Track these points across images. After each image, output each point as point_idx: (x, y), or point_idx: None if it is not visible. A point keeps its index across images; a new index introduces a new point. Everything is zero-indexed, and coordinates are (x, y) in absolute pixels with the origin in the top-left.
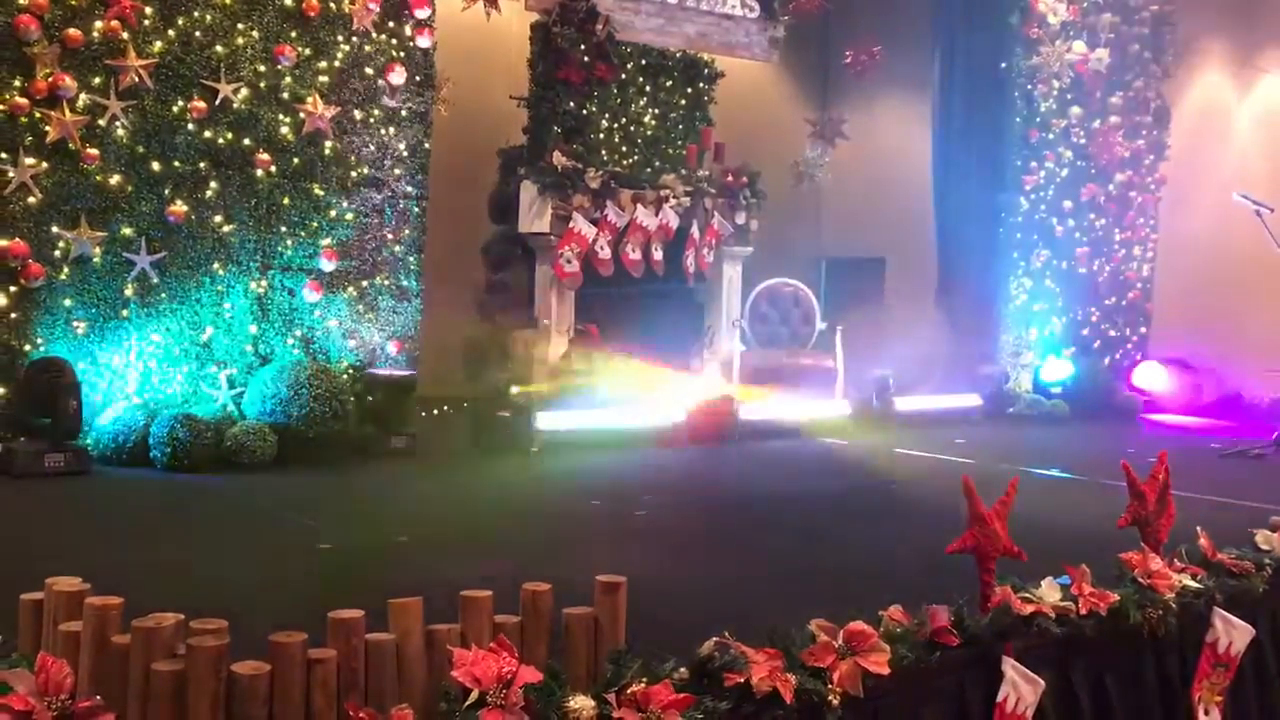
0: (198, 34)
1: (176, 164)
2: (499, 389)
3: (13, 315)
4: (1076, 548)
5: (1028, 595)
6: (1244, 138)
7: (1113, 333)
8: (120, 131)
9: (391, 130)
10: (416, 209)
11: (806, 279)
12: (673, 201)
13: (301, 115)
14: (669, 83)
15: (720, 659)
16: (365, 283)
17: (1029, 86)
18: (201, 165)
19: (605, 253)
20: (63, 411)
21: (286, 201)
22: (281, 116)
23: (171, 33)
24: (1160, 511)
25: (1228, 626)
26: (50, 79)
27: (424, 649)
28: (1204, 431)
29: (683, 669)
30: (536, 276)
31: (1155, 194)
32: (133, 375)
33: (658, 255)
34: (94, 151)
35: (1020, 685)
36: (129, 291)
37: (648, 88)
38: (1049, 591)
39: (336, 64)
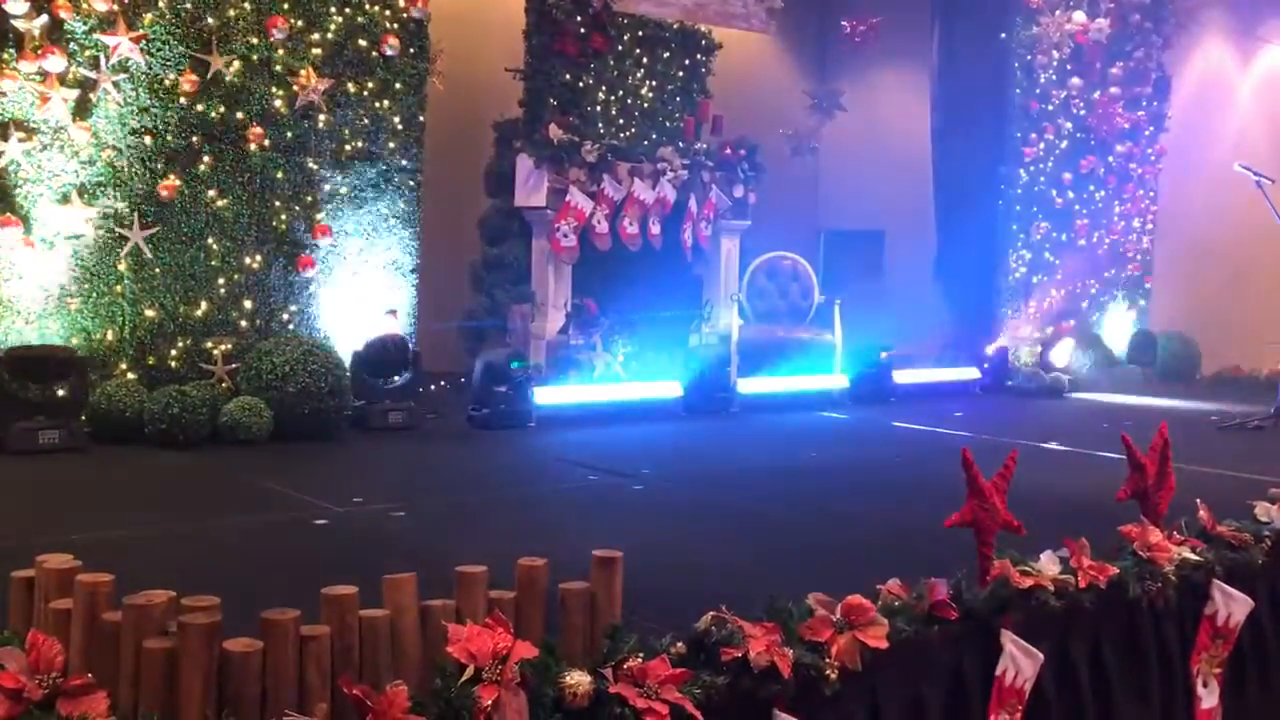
0: (188, 6)
1: (169, 138)
2: (495, 363)
3: (5, 291)
4: (1076, 521)
5: (1027, 568)
6: (1245, 108)
7: (1112, 305)
8: (111, 105)
9: (386, 103)
10: (411, 183)
11: (805, 252)
12: (670, 175)
13: (295, 88)
14: (666, 54)
15: (717, 633)
16: (361, 257)
17: (1028, 57)
18: (194, 139)
19: (602, 226)
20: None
21: (280, 175)
22: (274, 89)
23: (162, 4)
24: (1160, 484)
25: (1227, 599)
26: (40, 52)
27: (419, 625)
28: None
29: (679, 643)
30: (533, 250)
31: (1155, 165)
32: (127, 350)
33: (655, 229)
34: (85, 125)
35: (1019, 658)
36: (122, 267)
37: (644, 60)
38: (1048, 565)
39: (330, 36)
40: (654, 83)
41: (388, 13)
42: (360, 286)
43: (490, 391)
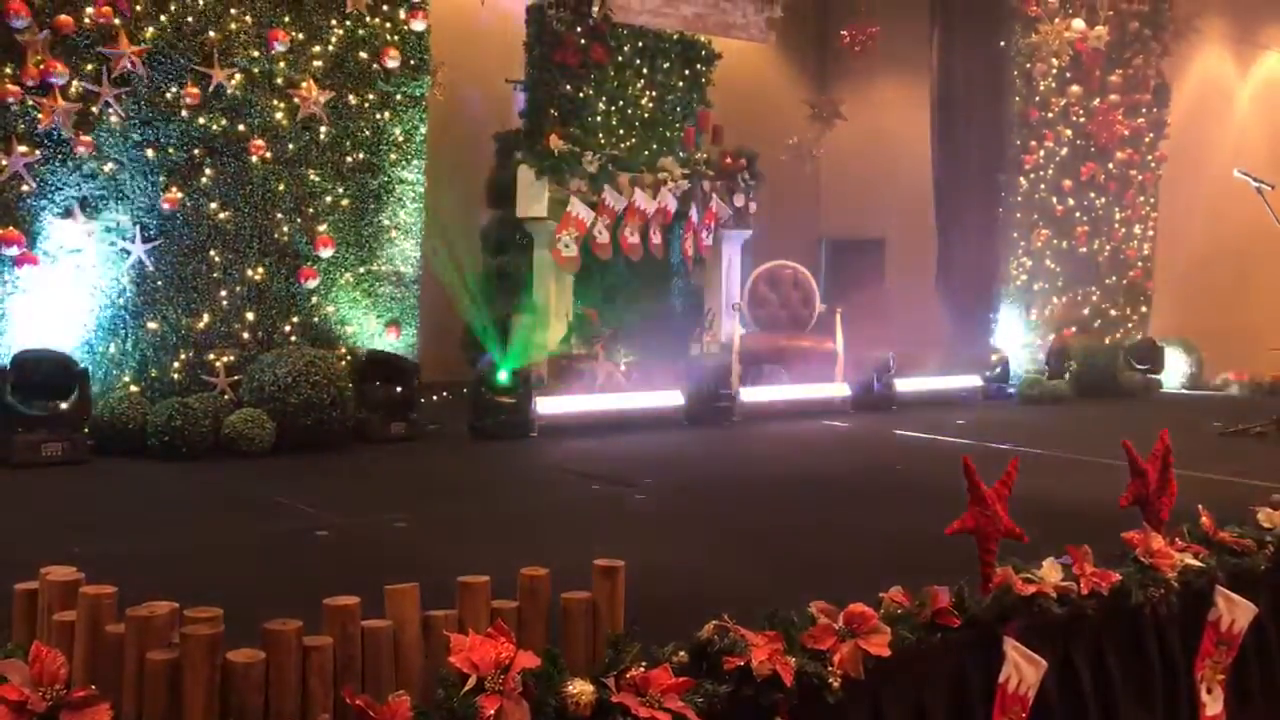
0: (190, 19)
1: (171, 151)
2: (484, 374)
3: (8, 305)
4: (1078, 527)
5: (1029, 576)
6: (1244, 115)
7: (1113, 312)
8: (114, 119)
9: (387, 115)
10: (413, 194)
11: (806, 261)
12: (670, 184)
13: (296, 101)
14: (666, 65)
15: (720, 642)
16: (362, 269)
17: (1027, 65)
18: (196, 152)
19: (604, 236)
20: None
21: (282, 188)
22: (276, 102)
23: (164, 18)
24: (1162, 490)
25: (1230, 605)
26: (42, 66)
27: (421, 635)
28: None
29: (682, 653)
30: (535, 261)
31: (1155, 172)
32: (129, 363)
33: (656, 239)
34: (87, 139)
35: (1022, 666)
36: (124, 280)
37: (645, 70)
38: (1050, 572)
39: (330, 48)
40: (654, 93)
41: (388, 25)
42: (362, 298)
43: (490, 402)
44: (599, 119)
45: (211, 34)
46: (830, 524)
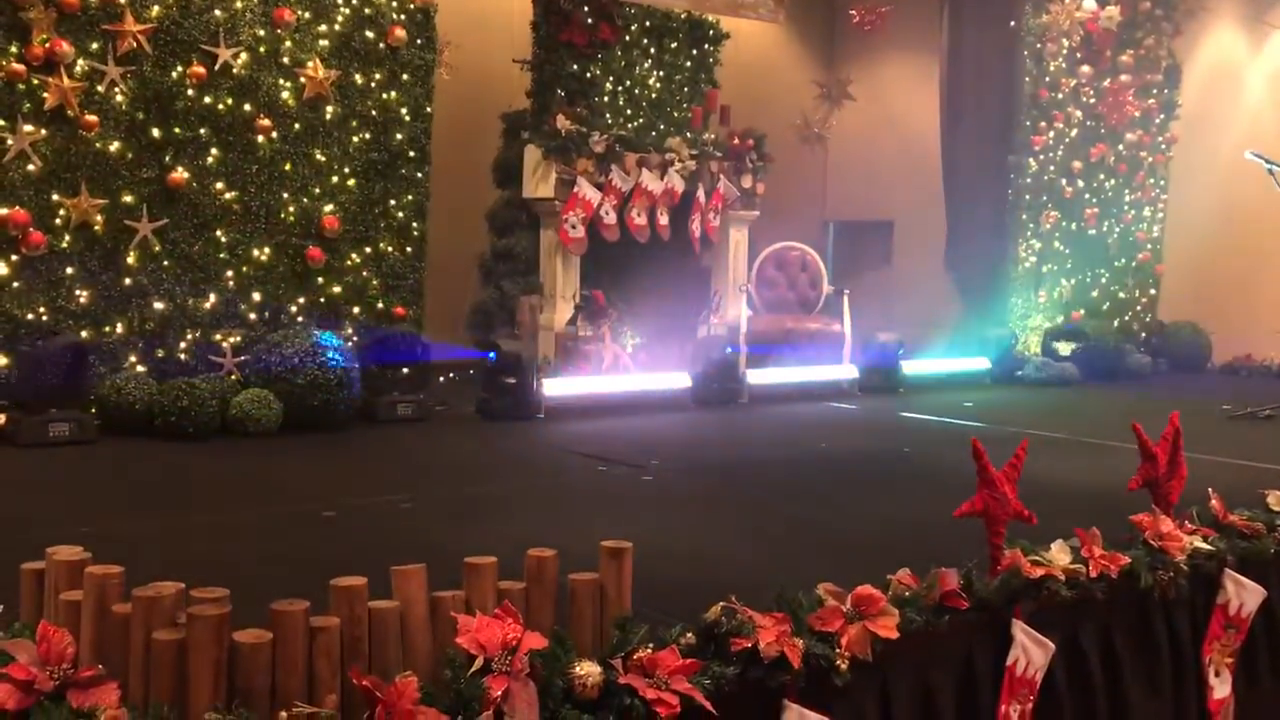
0: None
1: (177, 130)
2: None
3: (14, 284)
4: (1087, 510)
5: (1037, 558)
6: (1255, 96)
7: (1122, 294)
8: (119, 98)
9: (393, 94)
10: (419, 174)
11: (813, 242)
12: (678, 165)
13: (302, 80)
14: (674, 44)
15: (727, 624)
16: (368, 248)
17: (1038, 45)
18: (202, 131)
19: (610, 218)
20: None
21: (288, 167)
22: (282, 81)
23: None
24: (1171, 473)
25: (1239, 588)
26: (47, 44)
27: (428, 616)
28: None
29: (689, 634)
30: (541, 242)
31: (1166, 154)
32: (136, 343)
33: (663, 220)
34: (93, 118)
35: (1030, 648)
36: (131, 259)
37: (652, 50)
38: (1059, 554)
39: (337, 27)
40: (662, 73)
41: (395, 4)
42: (368, 278)
43: (497, 383)
44: (606, 99)
45: (217, 12)
46: (838, 506)
